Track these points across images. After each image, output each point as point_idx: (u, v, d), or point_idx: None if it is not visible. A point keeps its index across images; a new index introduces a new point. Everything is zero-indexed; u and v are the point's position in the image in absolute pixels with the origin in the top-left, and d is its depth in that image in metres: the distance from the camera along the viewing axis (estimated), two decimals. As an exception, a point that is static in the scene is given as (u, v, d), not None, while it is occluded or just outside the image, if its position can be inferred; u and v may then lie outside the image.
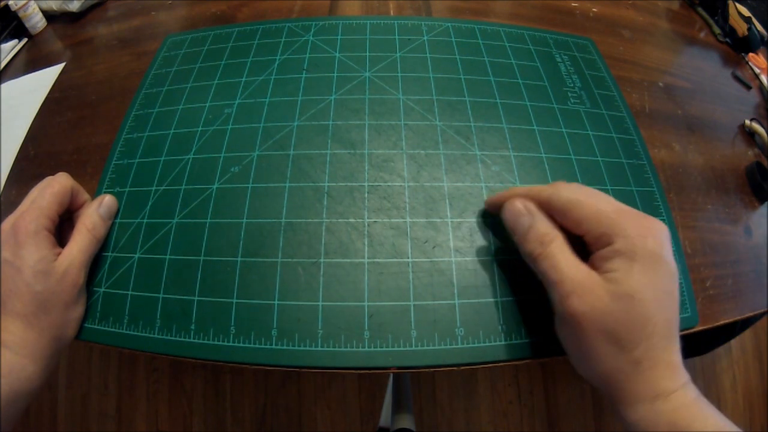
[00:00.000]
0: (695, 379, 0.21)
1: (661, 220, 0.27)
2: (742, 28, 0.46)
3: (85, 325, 0.27)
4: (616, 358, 0.21)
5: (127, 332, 0.27)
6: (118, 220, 0.30)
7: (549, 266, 0.23)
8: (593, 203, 0.23)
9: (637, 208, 0.25)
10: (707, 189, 0.34)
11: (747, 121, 0.38)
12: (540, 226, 0.24)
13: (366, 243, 0.28)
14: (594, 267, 0.22)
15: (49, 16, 0.49)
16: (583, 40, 0.41)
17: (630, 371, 0.21)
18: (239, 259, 0.28)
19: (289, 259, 0.28)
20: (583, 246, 0.23)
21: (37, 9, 0.47)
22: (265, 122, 0.33)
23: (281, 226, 0.29)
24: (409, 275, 0.27)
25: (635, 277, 0.21)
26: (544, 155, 0.32)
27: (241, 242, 0.28)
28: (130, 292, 0.28)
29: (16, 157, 0.36)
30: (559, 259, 0.22)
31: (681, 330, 0.27)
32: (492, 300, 0.26)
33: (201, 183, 0.31)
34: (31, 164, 0.36)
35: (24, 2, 0.45)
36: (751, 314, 0.30)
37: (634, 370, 0.21)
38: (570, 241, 0.23)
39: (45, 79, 0.42)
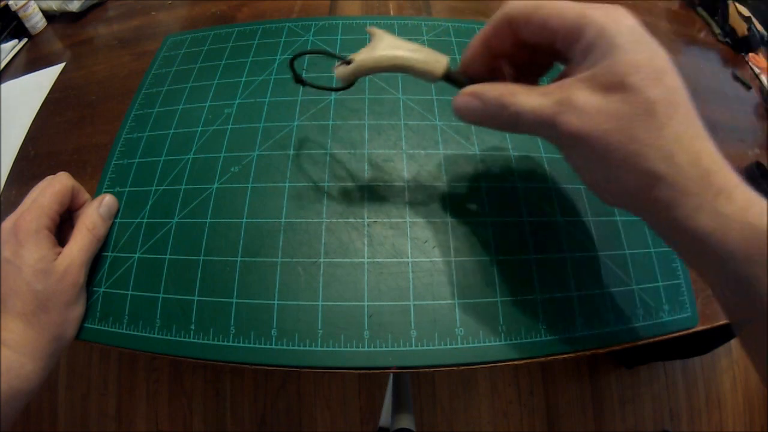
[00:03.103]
0: (695, 379, 0.20)
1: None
2: (742, 28, 0.46)
3: (85, 325, 0.27)
4: (645, 161, 0.17)
5: (127, 332, 0.27)
6: (118, 220, 0.30)
7: (523, 115, 0.20)
8: (551, 2, 0.20)
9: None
10: (707, 189, 0.34)
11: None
12: (489, 93, 0.21)
13: (366, 243, 0.28)
14: (576, 73, 0.19)
15: (49, 16, 0.49)
16: (583, 40, 0.41)
17: (667, 172, 0.17)
18: (239, 259, 0.28)
19: (289, 259, 0.28)
20: None
21: (37, 9, 0.47)
22: (265, 122, 0.33)
23: (281, 226, 0.29)
24: (409, 275, 0.27)
25: (619, 61, 0.18)
26: (543, 155, 0.32)
27: (241, 242, 0.28)
28: (130, 292, 0.28)
29: (16, 157, 0.36)
30: (526, 101, 0.20)
31: (681, 330, 0.27)
32: (492, 300, 0.26)
33: (201, 183, 0.31)
34: (31, 164, 0.36)
35: (24, 2, 0.45)
36: (751, 314, 0.30)
37: (671, 169, 0.17)
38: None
39: (45, 79, 0.42)
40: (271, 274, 0.27)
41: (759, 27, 0.47)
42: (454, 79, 0.24)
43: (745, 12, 0.47)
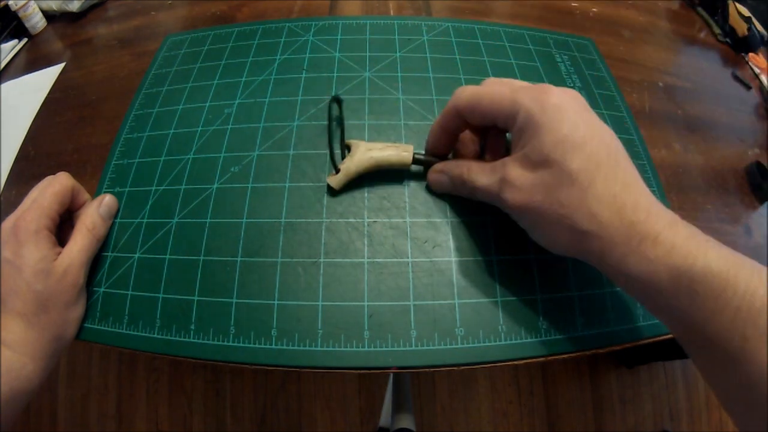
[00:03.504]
0: (695, 379, 0.20)
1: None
2: (742, 28, 0.46)
3: (85, 325, 0.27)
4: (572, 222, 0.20)
5: (127, 332, 0.27)
6: (118, 220, 0.30)
7: (479, 190, 0.24)
8: (489, 92, 0.23)
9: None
10: (707, 189, 0.34)
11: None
12: (453, 171, 0.26)
13: (366, 243, 0.28)
14: (514, 151, 0.22)
15: (49, 16, 0.49)
16: (583, 40, 0.41)
17: (591, 228, 0.20)
18: (239, 259, 0.28)
19: (289, 259, 0.28)
20: None
21: (37, 9, 0.47)
22: (265, 122, 0.33)
23: (281, 226, 0.29)
24: (409, 275, 0.27)
25: (542, 140, 0.20)
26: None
27: (241, 242, 0.28)
28: (130, 292, 0.28)
29: (16, 157, 0.36)
30: (478, 177, 0.24)
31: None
32: (492, 300, 0.26)
33: (201, 183, 0.31)
34: (31, 164, 0.36)
35: (24, 2, 0.45)
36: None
37: (594, 225, 0.20)
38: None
39: (45, 79, 0.42)
40: (271, 274, 0.27)
41: (759, 27, 0.47)
42: (422, 161, 0.29)
43: (745, 12, 0.47)
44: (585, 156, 0.20)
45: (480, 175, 0.24)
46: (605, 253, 0.20)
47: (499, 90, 0.23)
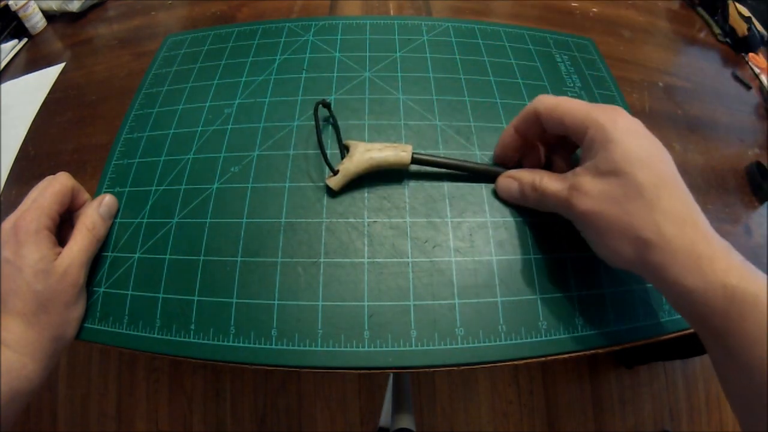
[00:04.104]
0: (695, 379, 0.20)
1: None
2: (742, 28, 0.46)
3: (85, 325, 0.27)
4: (638, 231, 0.21)
5: (127, 332, 0.27)
6: (118, 220, 0.30)
7: (548, 197, 0.25)
8: (567, 102, 0.25)
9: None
10: (707, 189, 0.34)
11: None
12: (525, 178, 0.27)
13: (366, 243, 0.28)
14: (584, 163, 0.24)
15: (49, 16, 0.49)
16: (583, 40, 0.41)
17: (657, 240, 0.21)
18: (239, 259, 0.28)
19: (289, 259, 0.28)
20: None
21: (37, 9, 0.47)
22: (265, 122, 0.33)
23: (281, 226, 0.29)
24: (409, 275, 0.27)
25: (613, 151, 0.22)
26: (544, 155, 0.32)
27: (241, 242, 0.28)
28: (130, 292, 0.28)
29: (16, 157, 0.36)
30: (549, 185, 0.25)
31: (681, 330, 0.27)
32: (492, 300, 0.26)
33: (201, 183, 0.31)
34: (31, 164, 0.36)
35: (24, 2, 0.45)
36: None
37: (659, 238, 0.20)
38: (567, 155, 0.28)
39: (45, 79, 0.42)
40: (271, 274, 0.27)
41: (759, 27, 0.47)
42: (421, 160, 0.29)
43: (745, 12, 0.47)
44: (651, 171, 0.22)
45: (551, 182, 0.25)
46: (666, 267, 0.20)
47: (576, 103, 0.25)
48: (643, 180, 0.21)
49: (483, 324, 0.26)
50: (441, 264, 0.27)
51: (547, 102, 0.26)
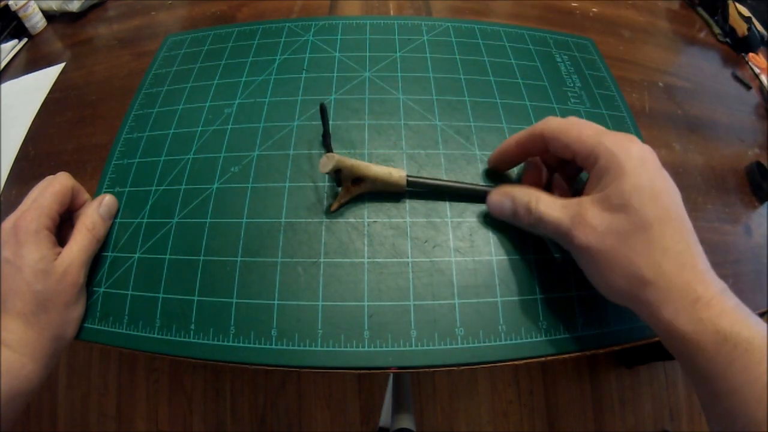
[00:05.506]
0: (695, 379, 0.20)
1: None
2: (742, 28, 0.46)
3: (85, 325, 0.27)
4: (637, 268, 0.21)
5: (127, 332, 0.27)
6: (118, 220, 0.30)
7: (545, 223, 0.24)
8: (576, 128, 0.24)
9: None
10: (707, 189, 0.34)
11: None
12: (519, 197, 0.26)
13: (366, 243, 0.28)
14: (592, 192, 0.23)
15: (49, 16, 0.49)
16: (583, 40, 0.41)
17: (654, 278, 0.20)
18: (239, 259, 0.28)
19: (289, 259, 0.27)
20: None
21: (37, 9, 0.47)
22: (265, 122, 0.33)
23: (281, 226, 0.29)
24: (409, 275, 0.27)
25: (625, 185, 0.21)
26: (544, 155, 0.32)
27: (241, 242, 0.28)
28: (130, 292, 0.28)
29: (16, 157, 0.36)
30: (548, 211, 0.24)
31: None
32: (492, 300, 0.26)
33: (201, 183, 0.31)
34: (31, 164, 0.36)
35: (24, 2, 0.45)
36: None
37: (657, 276, 0.20)
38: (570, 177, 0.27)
39: (45, 79, 0.42)
40: (271, 274, 0.27)
41: (759, 27, 0.47)
42: (416, 183, 0.29)
43: (745, 12, 0.47)
44: (660, 207, 0.21)
45: (550, 208, 0.24)
46: (659, 306, 0.20)
47: (586, 128, 0.24)
48: (651, 216, 0.21)
49: (483, 324, 0.26)
50: (441, 264, 0.27)
51: (554, 125, 0.25)
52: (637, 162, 0.22)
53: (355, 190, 0.29)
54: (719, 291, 0.20)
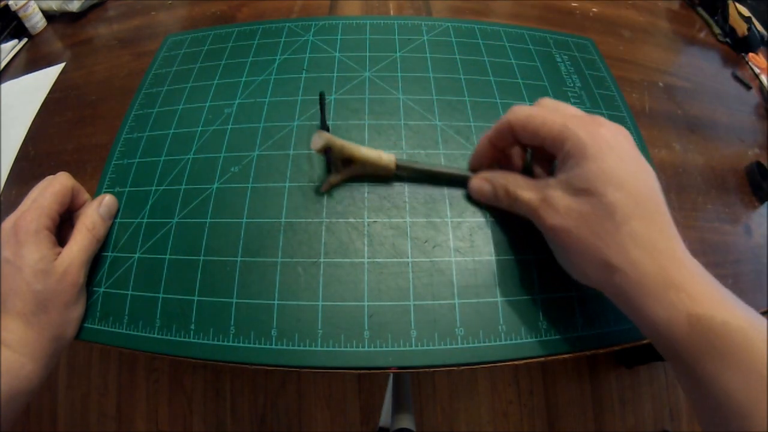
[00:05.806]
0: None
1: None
2: (742, 28, 0.46)
3: (85, 325, 0.27)
4: (602, 254, 0.20)
5: (127, 332, 0.27)
6: (117, 220, 0.30)
7: (519, 203, 0.25)
8: (542, 114, 0.24)
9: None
10: (707, 189, 0.34)
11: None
12: (498, 181, 0.26)
13: (366, 243, 0.28)
14: (558, 175, 0.23)
15: (49, 16, 0.49)
16: (583, 40, 0.41)
17: (622, 264, 0.20)
18: (239, 259, 0.28)
19: (289, 259, 0.27)
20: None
21: (37, 9, 0.47)
22: (265, 122, 0.33)
23: (281, 226, 0.29)
24: (409, 275, 0.27)
25: (588, 168, 0.21)
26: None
27: (241, 242, 0.28)
28: (130, 292, 0.28)
29: (16, 157, 0.36)
30: (521, 192, 0.25)
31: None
32: (492, 300, 0.26)
33: (201, 183, 0.31)
34: (31, 164, 0.36)
35: (24, 2, 0.45)
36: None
37: (625, 262, 0.20)
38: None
39: (45, 79, 0.42)
40: (271, 274, 0.27)
41: (759, 27, 0.47)
42: (406, 167, 0.29)
43: (745, 12, 0.47)
44: (625, 192, 0.20)
45: (523, 189, 0.25)
46: (630, 293, 0.20)
47: (551, 115, 0.23)
48: (616, 201, 0.20)
49: (483, 324, 0.26)
50: (441, 264, 0.27)
51: (521, 113, 0.24)
52: (602, 145, 0.21)
53: (346, 172, 0.29)
54: (696, 274, 0.19)
